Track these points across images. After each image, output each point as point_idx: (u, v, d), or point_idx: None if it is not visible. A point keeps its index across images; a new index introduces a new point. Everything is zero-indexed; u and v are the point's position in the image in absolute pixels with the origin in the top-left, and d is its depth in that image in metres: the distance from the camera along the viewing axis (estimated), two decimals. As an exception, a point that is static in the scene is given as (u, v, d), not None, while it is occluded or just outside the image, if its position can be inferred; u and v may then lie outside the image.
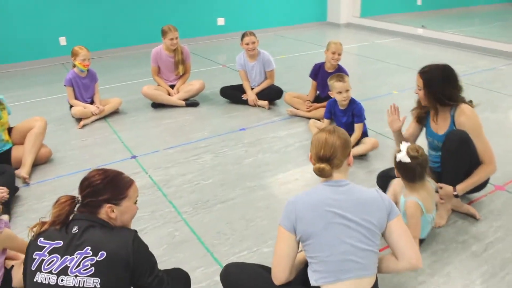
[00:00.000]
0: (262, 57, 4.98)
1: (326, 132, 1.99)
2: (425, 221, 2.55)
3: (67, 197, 1.85)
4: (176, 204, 3.21)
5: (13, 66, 7.45)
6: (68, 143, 4.36)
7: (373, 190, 1.97)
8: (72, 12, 7.65)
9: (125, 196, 1.90)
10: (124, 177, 1.94)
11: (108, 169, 1.91)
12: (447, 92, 2.74)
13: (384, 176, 3.19)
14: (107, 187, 1.86)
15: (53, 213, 1.81)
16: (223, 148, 4.07)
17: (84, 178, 1.88)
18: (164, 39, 5.04)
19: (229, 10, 9.04)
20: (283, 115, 4.80)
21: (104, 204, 1.85)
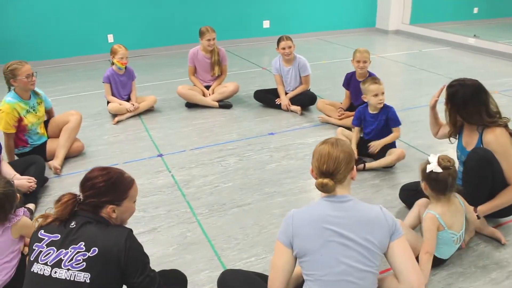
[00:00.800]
0: (298, 62, 4.94)
1: (328, 144, 1.91)
2: (447, 239, 2.40)
3: (69, 196, 1.88)
4: (193, 205, 3.23)
5: (63, 61, 7.77)
6: (101, 138, 4.49)
7: (377, 208, 1.88)
8: (120, 10, 7.89)
9: (126, 197, 1.95)
10: (126, 178, 1.97)
11: (110, 169, 1.94)
12: (470, 110, 2.63)
13: (407, 190, 3.09)
14: (110, 189, 1.89)
15: (56, 212, 1.86)
16: (249, 151, 4.06)
17: (86, 178, 1.90)
18: (202, 40, 5.10)
19: (275, 12, 9.03)
20: (315, 121, 4.74)
21: (107, 205, 1.89)
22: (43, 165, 3.58)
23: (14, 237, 2.35)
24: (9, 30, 7.29)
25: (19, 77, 3.59)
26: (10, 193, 2.32)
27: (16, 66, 3.58)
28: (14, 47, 7.34)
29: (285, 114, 4.95)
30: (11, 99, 3.65)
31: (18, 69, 3.58)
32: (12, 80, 3.61)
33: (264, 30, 9.07)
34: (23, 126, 3.73)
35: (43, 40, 7.57)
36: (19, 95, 3.70)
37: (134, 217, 3.06)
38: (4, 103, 3.64)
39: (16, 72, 3.58)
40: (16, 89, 3.69)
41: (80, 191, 1.90)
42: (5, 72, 3.60)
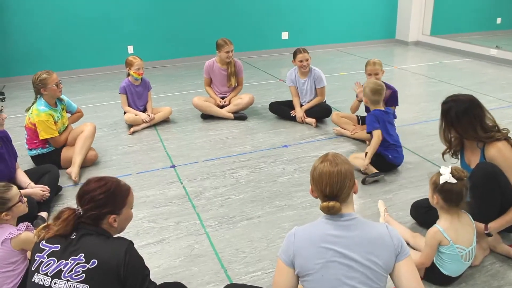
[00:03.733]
0: (313, 74, 4.92)
1: (327, 163, 1.84)
2: (454, 254, 2.33)
3: (69, 212, 1.87)
4: (202, 217, 3.22)
5: (83, 72, 7.92)
6: (116, 148, 4.54)
7: (382, 226, 1.83)
8: (140, 22, 8.01)
9: (125, 205, 1.97)
10: (123, 186, 1.98)
11: (106, 180, 1.94)
12: (464, 126, 2.61)
13: (419, 207, 3.03)
14: (109, 200, 1.91)
15: (58, 229, 1.84)
16: (261, 164, 4.04)
17: (83, 191, 1.90)
18: (220, 52, 5.12)
19: (293, 24, 9.04)
20: (329, 134, 4.70)
21: (108, 216, 1.91)
22: (57, 174, 3.64)
23: (15, 249, 2.38)
24: (31, 42, 7.47)
25: (49, 86, 3.83)
26: None
27: (45, 75, 3.82)
28: (36, 58, 7.51)
29: (299, 127, 4.93)
30: (44, 108, 3.87)
31: (48, 78, 3.83)
32: (43, 89, 3.83)
33: (283, 42, 9.08)
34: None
35: (64, 51, 7.72)
36: (48, 103, 3.91)
37: (143, 227, 3.09)
38: (40, 112, 3.83)
39: (46, 81, 3.82)
40: (44, 97, 3.89)
41: (78, 205, 1.90)
42: (36, 82, 3.82)
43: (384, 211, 3.08)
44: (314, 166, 1.90)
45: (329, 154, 1.90)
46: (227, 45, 5.07)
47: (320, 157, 1.92)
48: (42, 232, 1.88)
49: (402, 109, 3.61)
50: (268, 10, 8.78)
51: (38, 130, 3.84)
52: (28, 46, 7.46)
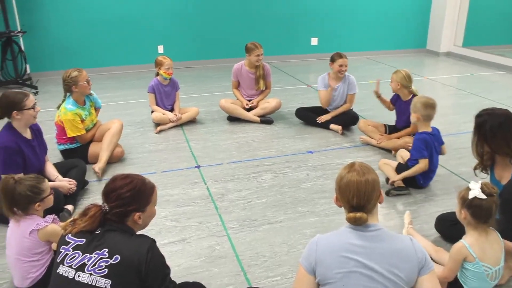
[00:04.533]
0: (347, 79, 4.89)
1: (354, 173, 1.82)
2: (479, 272, 2.27)
3: (96, 209, 1.89)
4: (224, 219, 3.23)
5: (113, 69, 8.05)
6: (142, 146, 4.60)
7: (406, 239, 1.80)
8: (171, 23, 8.10)
9: (149, 202, 1.99)
10: (148, 184, 2.00)
11: (132, 177, 1.96)
12: (498, 141, 2.54)
13: (444, 220, 2.98)
14: (135, 198, 1.92)
15: (84, 225, 1.86)
16: (285, 169, 4.04)
17: (110, 189, 1.92)
18: (249, 56, 5.13)
19: (323, 30, 9.00)
20: (355, 142, 4.66)
21: (133, 213, 1.93)
22: (85, 168, 3.71)
23: (41, 240, 2.44)
24: (64, 38, 7.63)
25: (79, 83, 3.90)
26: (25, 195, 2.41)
27: (76, 73, 3.89)
28: (68, 54, 7.68)
29: (325, 133, 4.90)
30: (71, 107, 3.93)
31: (79, 75, 3.90)
32: (74, 87, 3.90)
33: (312, 47, 9.06)
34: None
35: (96, 48, 7.86)
36: (76, 102, 3.97)
37: (165, 226, 3.12)
38: (67, 111, 3.90)
39: (77, 79, 3.88)
40: (74, 95, 3.95)
41: (104, 201, 1.92)
42: (66, 79, 3.89)
43: (409, 224, 3.03)
44: (340, 175, 1.88)
45: (356, 164, 1.88)
46: (257, 48, 5.08)
47: (346, 166, 1.90)
48: (68, 227, 1.91)
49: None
50: (298, 15, 8.77)
51: (65, 128, 3.92)
52: (61, 42, 7.62)
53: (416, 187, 3.67)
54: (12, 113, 3.10)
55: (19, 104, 3.11)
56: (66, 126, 3.91)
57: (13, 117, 3.12)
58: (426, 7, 9.57)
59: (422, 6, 9.54)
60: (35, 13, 7.35)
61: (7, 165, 3.05)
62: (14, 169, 3.07)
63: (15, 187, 2.41)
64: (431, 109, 3.52)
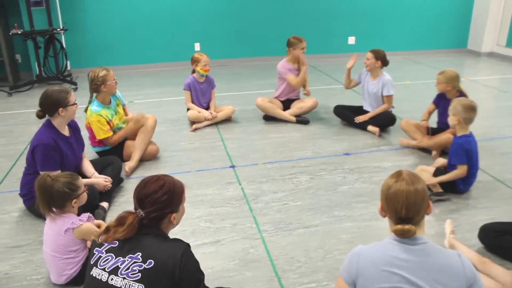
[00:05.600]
0: (382, 79, 4.77)
1: (403, 183, 1.72)
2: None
3: (132, 217, 1.86)
4: (259, 221, 3.18)
5: (150, 66, 8.13)
6: (177, 144, 4.60)
7: (454, 254, 1.70)
8: (208, 20, 8.13)
9: (181, 201, 1.99)
10: (178, 183, 1.98)
11: (163, 179, 1.93)
12: None
13: (489, 230, 2.83)
14: (171, 200, 1.91)
15: (122, 235, 1.82)
16: (321, 171, 3.96)
17: (144, 195, 1.88)
18: (294, 50, 5.04)
19: (361, 29, 8.85)
20: (393, 144, 4.53)
21: (169, 215, 1.92)
22: (120, 166, 3.73)
23: (76, 238, 2.45)
24: (103, 35, 7.77)
25: (108, 82, 3.89)
26: (63, 192, 2.43)
27: (105, 72, 3.88)
28: (107, 51, 7.83)
29: (362, 135, 4.78)
30: (96, 108, 3.92)
31: (107, 74, 3.89)
32: (103, 86, 3.88)
33: (349, 46, 8.91)
34: (111, 127, 3.99)
35: (133, 45, 7.97)
36: (101, 102, 3.96)
37: (199, 227, 3.10)
38: (92, 113, 3.90)
39: (106, 78, 3.87)
40: (100, 95, 3.95)
41: (138, 208, 1.89)
42: (95, 79, 3.87)
43: (450, 233, 2.91)
44: (387, 184, 1.78)
45: (403, 172, 1.79)
46: (301, 42, 5.05)
47: (393, 175, 1.81)
48: (103, 235, 1.87)
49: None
50: (335, 14, 8.64)
51: (93, 131, 3.92)
52: (101, 39, 7.76)
53: (456, 193, 3.53)
54: (58, 110, 3.15)
55: (64, 101, 3.16)
56: (93, 128, 3.90)
57: (58, 114, 3.16)
58: (468, 5, 9.26)
59: (464, 4, 9.23)
60: (77, 11, 7.51)
61: (45, 161, 3.10)
62: (52, 166, 3.12)
63: (53, 184, 2.44)
64: (472, 112, 3.37)
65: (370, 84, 4.85)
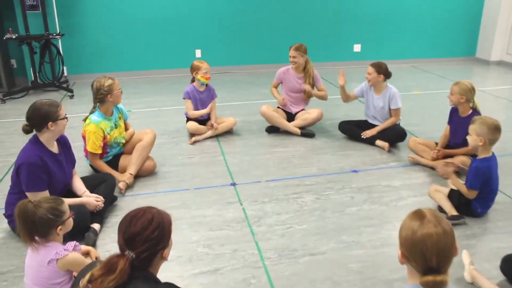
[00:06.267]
0: (388, 92, 4.53)
1: (430, 225, 1.49)
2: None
3: (123, 260, 1.65)
4: (261, 247, 2.95)
5: (150, 73, 7.93)
6: (176, 157, 4.37)
7: None
8: (209, 26, 7.92)
9: (171, 234, 1.82)
10: (164, 214, 1.81)
11: (150, 213, 1.74)
12: None
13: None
14: (162, 235, 1.73)
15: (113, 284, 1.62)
16: (328, 190, 3.72)
17: (133, 234, 1.68)
18: None
19: (367, 36, 8.62)
20: (403, 161, 4.29)
21: (160, 252, 1.74)
22: (114, 183, 3.51)
23: (61, 270, 2.23)
24: (101, 41, 7.56)
25: (114, 92, 3.73)
26: (47, 219, 2.20)
27: (111, 81, 3.72)
28: (105, 56, 7.62)
29: (370, 150, 4.55)
30: (96, 118, 3.72)
31: (113, 83, 3.72)
32: (109, 96, 3.70)
33: (355, 54, 8.69)
34: (106, 143, 3.79)
35: (133, 52, 7.76)
36: (103, 113, 3.76)
37: (197, 253, 2.88)
38: (90, 122, 3.70)
39: (112, 87, 3.71)
40: (103, 106, 3.75)
41: (127, 249, 1.67)
42: (102, 88, 3.67)
43: (469, 264, 2.67)
44: (411, 228, 1.54)
45: (426, 213, 1.56)
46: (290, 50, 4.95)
47: (414, 216, 1.57)
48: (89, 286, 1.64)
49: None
50: (341, 21, 8.43)
51: (85, 140, 3.71)
52: (99, 45, 7.55)
53: (473, 216, 3.30)
54: (48, 125, 2.93)
55: (54, 115, 2.96)
56: (87, 138, 3.68)
57: (47, 129, 2.95)
58: (476, 13, 9.05)
59: (473, 11, 9.02)
60: (74, 16, 7.30)
61: (31, 181, 2.87)
62: (38, 186, 2.91)
63: (35, 211, 2.20)
64: (498, 132, 3.12)
65: (375, 99, 4.60)
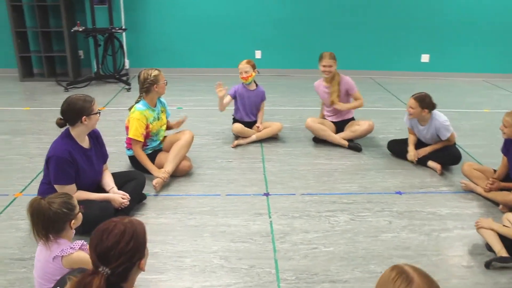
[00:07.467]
0: (434, 124, 4.10)
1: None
2: None
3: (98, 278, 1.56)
4: (280, 266, 2.77)
5: (209, 71, 7.94)
6: (214, 160, 4.29)
7: None
8: (270, 28, 7.80)
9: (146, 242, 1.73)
10: (137, 223, 1.71)
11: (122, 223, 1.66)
12: None
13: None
14: (137, 246, 1.65)
15: None
16: (365, 211, 3.47)
17: (106, 248, 1.59)
18: (319, 66, 4.69)
19: (436, 46, 8.06)
20: (456, 186, 3.93)
21: (137, 262, 1.66)
22: (143, 182, 3.49)
23: (65, 267, 2.19)
24: (163, 36, 7.69)
25: (160, 82, 3.81)
26: (62, 213, 2.21)
27: (157, 72, 3.82)
28: (166, 52, 7.75)
29: (421, 171, 4.21)
30: (141, 107, 3.79)
31: (159, 74, 3.82)
32: (155, 86, 3.79)
33: (422, 65, 8.19)
34: (148, 132, 3.84)
35: (192, 49, 7.83)
36: (148, 103, 3.83)
37: (212, 264, 2.77)
38: (135, 110, 3.78)
39: (158, 78, 3.81)
40: (149, 96, 3.83)
41: (101, 264, 1.58)
42: (148, 78, 3.78)
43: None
44: None
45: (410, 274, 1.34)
46: (324, 58, 4.64)
47: (396, 275, 1.37)
48: None
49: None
50: (408, 28, 7.94)
51: (129, 127, 3.77)
52: (160, 40, 7.70)
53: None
54: (82, 119, 2.96)
55: (88, 109, 2.99)
56: (130, 125, 3.75)
57: (81, 123, 2.97)
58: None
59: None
60: (139, 12, 7.48)
61: (58, 175, 2.90)
62: (65, 179, 2.94)
63: (49, 207, 2.20)
64: None
65: (421, 130, 4.24)
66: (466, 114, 5.93)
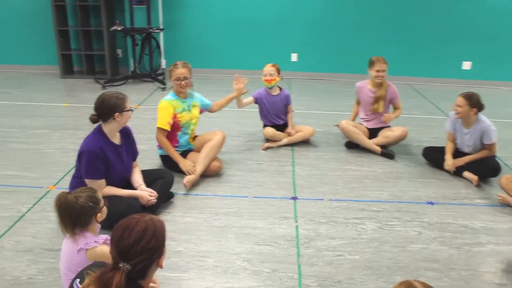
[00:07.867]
0: (480, 126, 3.97)
1: None
2: None
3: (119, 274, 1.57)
4: (303, 271, 2.74)
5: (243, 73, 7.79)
6: (244, 162, 4.29)
7: None
8: (307, 30, 7.75)
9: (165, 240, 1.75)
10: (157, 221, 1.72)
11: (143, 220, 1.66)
12: None
13: None
14: (158, 243, 1.67)
15: None
16: (394, 220, 3.39)
17: (128, 245, 1.60)
18: (370, 70, 4.60)
19: (478, 53, 7.79)
20: (492, 199, 3.78)
21: (156, 260, 1.68)
22: (172, 181, 3.52)
23: (89, 260, 2.23)
24: (201, 37, 7.78)
25: (172, 78, 3.85)
26: (88, 207, 2.26)
27: (172, 67, 3.87)
28: (204, 52, 7.83)
29: (455, 182, 4.07)
30: (169, 97, 3.89)
31: (173, 70, 3.85)
32: (170, 79, 3.90)
33: (464, 72, 7.94)
34: (176, 123, 3.87)
35: (229, 50, 7.88)
36: (176, 95, 3.90)
37: (234, 266, 2.77)
38: (163, 100, 3.88)
39: (171, 73, 3.86)
40: (174, 90, 3.90)
41: (122, 261, 1.59)
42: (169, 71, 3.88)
43: None
44: None
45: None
46: (379, 62, 4.58)
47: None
48: None
49: None
50: (450, 34, 7.69)
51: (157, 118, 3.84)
52: (197, 40, 7.79)
53: None
54: (114, 115, 3.02)
55: (121, 106, 3.06)
56: (158, 115, 3.82)
57: (113, 119, 3.04)
58: None
59: None
60: (177, 12, 7.59)
61: (89, 169, 2.97)
62: (96, 174, 3.00)
63: (76, 201, 2.26)
64: None
65: (464, 134, 4.08)
66: (507, 124, 5.72)
